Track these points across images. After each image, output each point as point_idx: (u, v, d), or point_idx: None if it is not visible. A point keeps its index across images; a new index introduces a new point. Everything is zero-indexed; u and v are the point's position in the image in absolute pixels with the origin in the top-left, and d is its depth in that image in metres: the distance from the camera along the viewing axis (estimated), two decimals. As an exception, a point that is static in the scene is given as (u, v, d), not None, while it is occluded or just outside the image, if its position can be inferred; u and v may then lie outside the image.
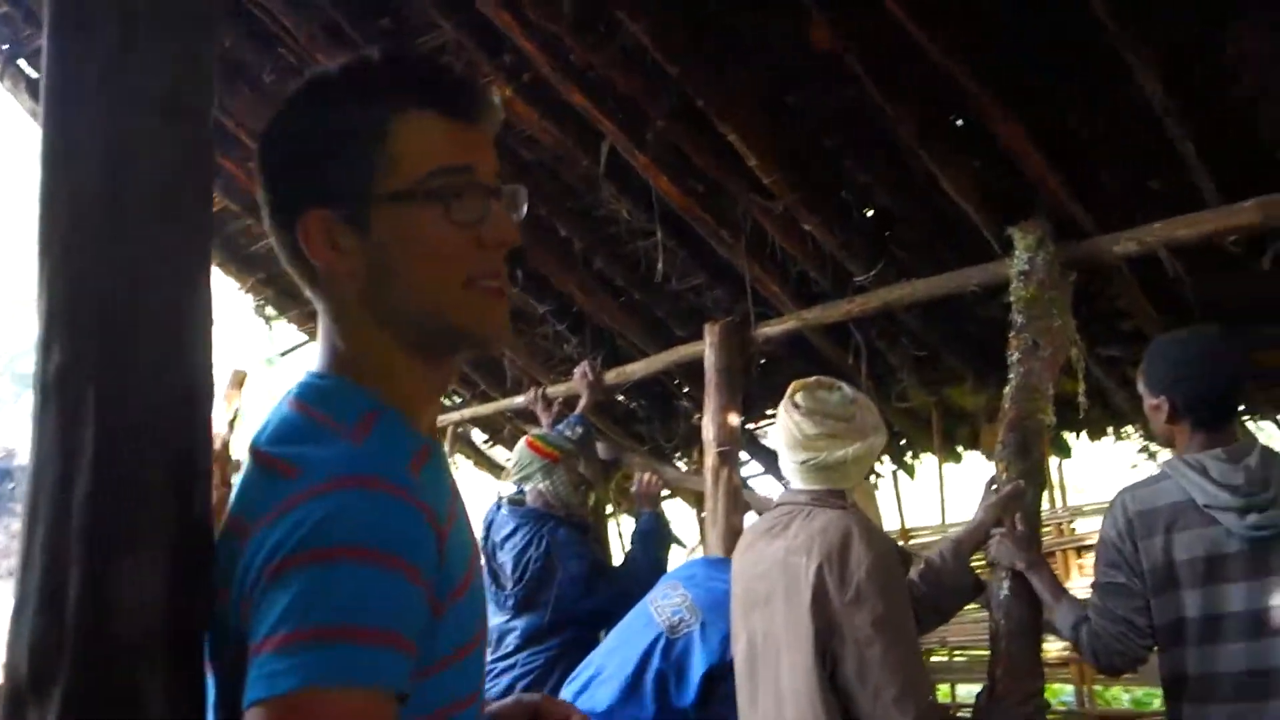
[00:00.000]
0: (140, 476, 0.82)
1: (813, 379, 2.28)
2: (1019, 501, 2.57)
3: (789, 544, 2.07)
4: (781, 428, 2.21)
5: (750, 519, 4.02)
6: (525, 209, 0.99)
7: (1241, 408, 4.67)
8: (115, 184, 0.82)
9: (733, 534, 3.93)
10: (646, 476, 3.90)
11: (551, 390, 5.02)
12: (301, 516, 0.77)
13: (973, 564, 2.52)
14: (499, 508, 3.64)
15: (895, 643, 1.92)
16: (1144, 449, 4.85)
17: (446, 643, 0.85)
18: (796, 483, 2.22)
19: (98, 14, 0.83)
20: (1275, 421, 4.69)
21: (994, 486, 2.67)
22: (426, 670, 0.81)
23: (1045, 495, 3.53)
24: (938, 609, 2.40)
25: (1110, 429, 4.86)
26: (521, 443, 3.79)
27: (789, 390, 2.26)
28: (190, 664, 0.84)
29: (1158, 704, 3.68)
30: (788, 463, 2.21)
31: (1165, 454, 5.53)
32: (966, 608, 2.64)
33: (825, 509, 2.11)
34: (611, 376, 4.86)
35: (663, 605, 2.76)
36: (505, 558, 3.41)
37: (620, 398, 5.46)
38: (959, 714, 4.44)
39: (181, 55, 0.89)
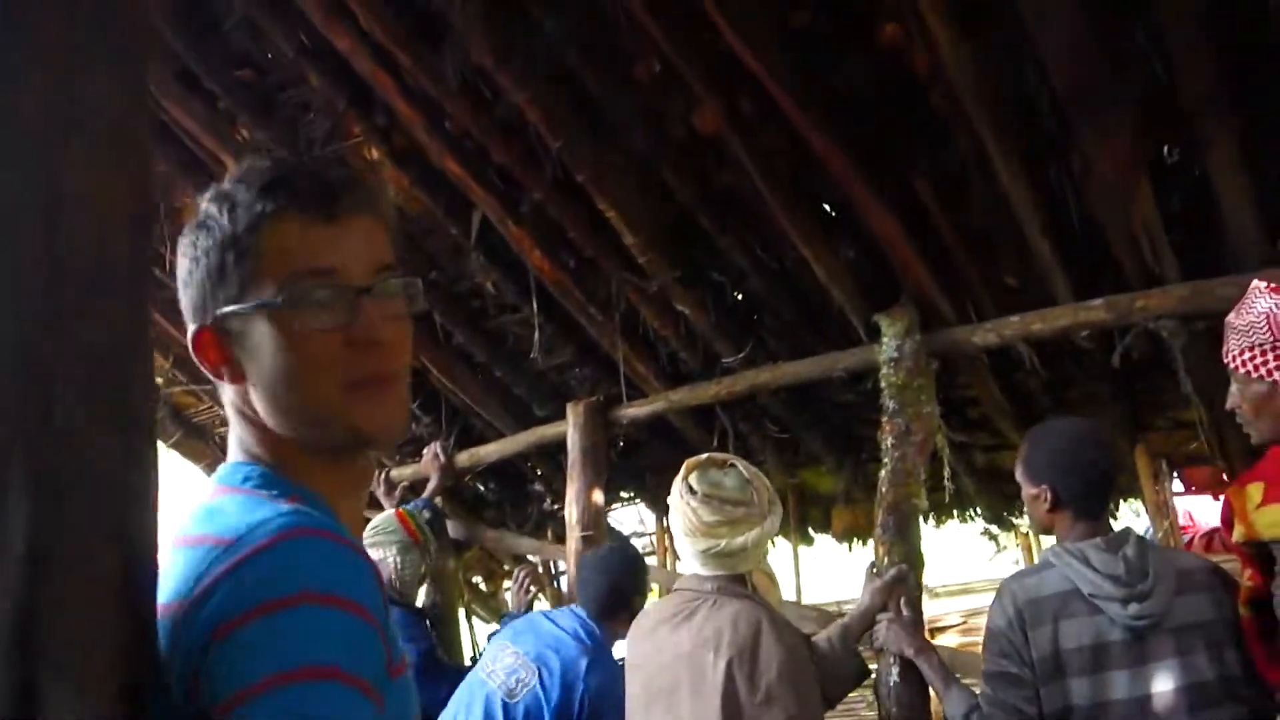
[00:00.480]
0: (83, 585, 0.68)
1: (705, 457, 2.23)
2: (903, 585, 2.58)
3: (695, 636, 1.98)
4: (678, 513, 2.13)
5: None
6: (419, 300, 0.97)
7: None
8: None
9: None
10: (523, 577, 3.71)
11: (397, 473, 4.75)
12: (246, 573, 0.76)
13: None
14: None
15: None
16: (985, 532, 5.06)
17: (393, 715, 0.83)
18: (695, 568, 2.15)
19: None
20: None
21: (875, 570, 2.67)
22: None
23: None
24: (825, 695, 2.36)
25: (955, 512, 5.05)
26: (390, 512, 3.56)
27: (683, 471, 2.20)
28: None
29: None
30: (685, 549, 2.14)
31: (1005, 538, 5.80)
32: (854, 694, 2.61)
33: (732, 599, 2.04)
34: (464, 458, 4.67)
35: (496, 670, 2.60)
36: None
37: (470, 480, 5.25)
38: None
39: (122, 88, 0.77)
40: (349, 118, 3.33)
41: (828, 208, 3.37)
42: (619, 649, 2.58)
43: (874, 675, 2.50)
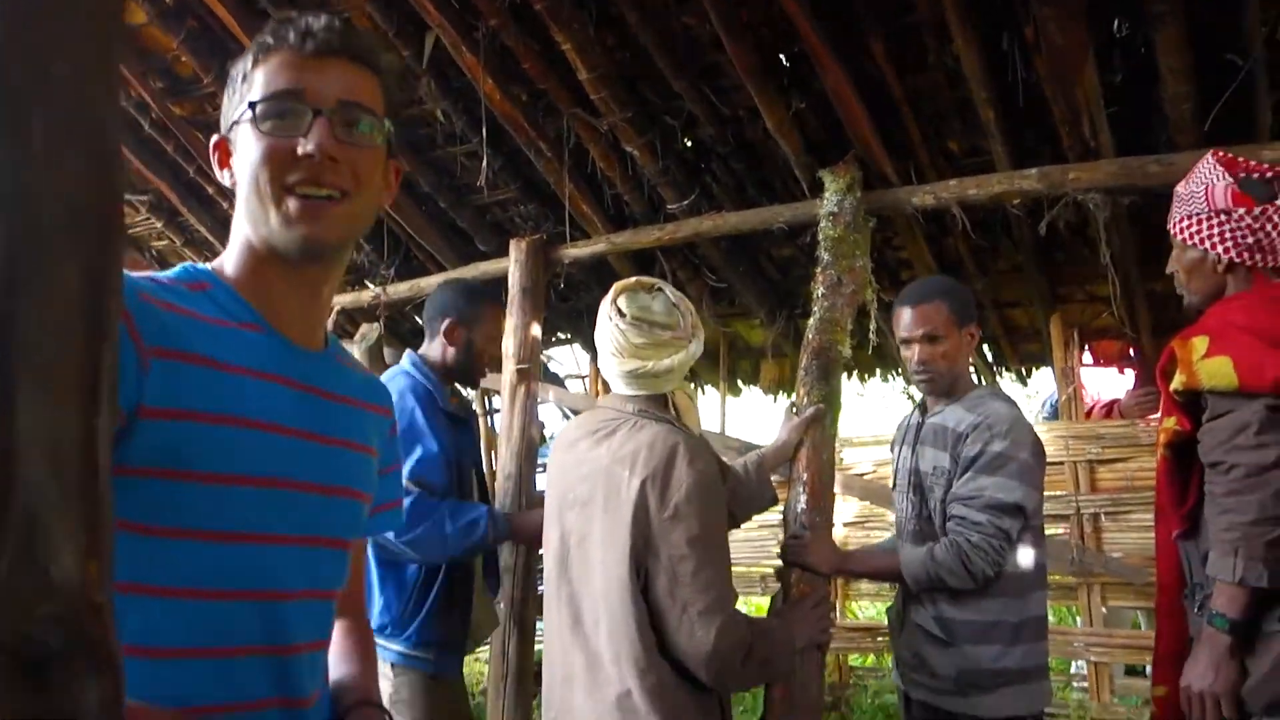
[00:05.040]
0: (53, 294, 0.71)
1: (633, 281, 2.21)
2: (819, 424, 2.74)
3: (614, 453, 2.07)
4: (606, 335, 2.16)
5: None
6: (379, 139, 1.12)
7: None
8: None
9: (528, 448, 3.94)
10: None
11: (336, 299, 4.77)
12: None
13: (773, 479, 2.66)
14: None
15: (706, 562, 1.94)
16: (904, 391, 5.30)
17: (163, 399, 0.95)
18: (619, 387, 2.20)
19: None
20: (1017, 374, 5.26)
21: (795, 410, 2.81)
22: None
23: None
24: (731, 514, 2.49)
25: (878, 371, 5.27)
26: None
27: (611, 293, 2.19)
28: (97, 503, 0.75)
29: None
30: (611, 370, 2.17)
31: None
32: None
33: (653, 421, 2.11)
34: (404, 289, 4.69)
35: None
36: None
37: (409, 310, 5.29)
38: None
39: None
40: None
41: (783, 59, 3.36)
42: None
43: (782, 503, 2.68)
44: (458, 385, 2.97)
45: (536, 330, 4.17)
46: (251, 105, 1.06)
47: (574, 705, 2.02)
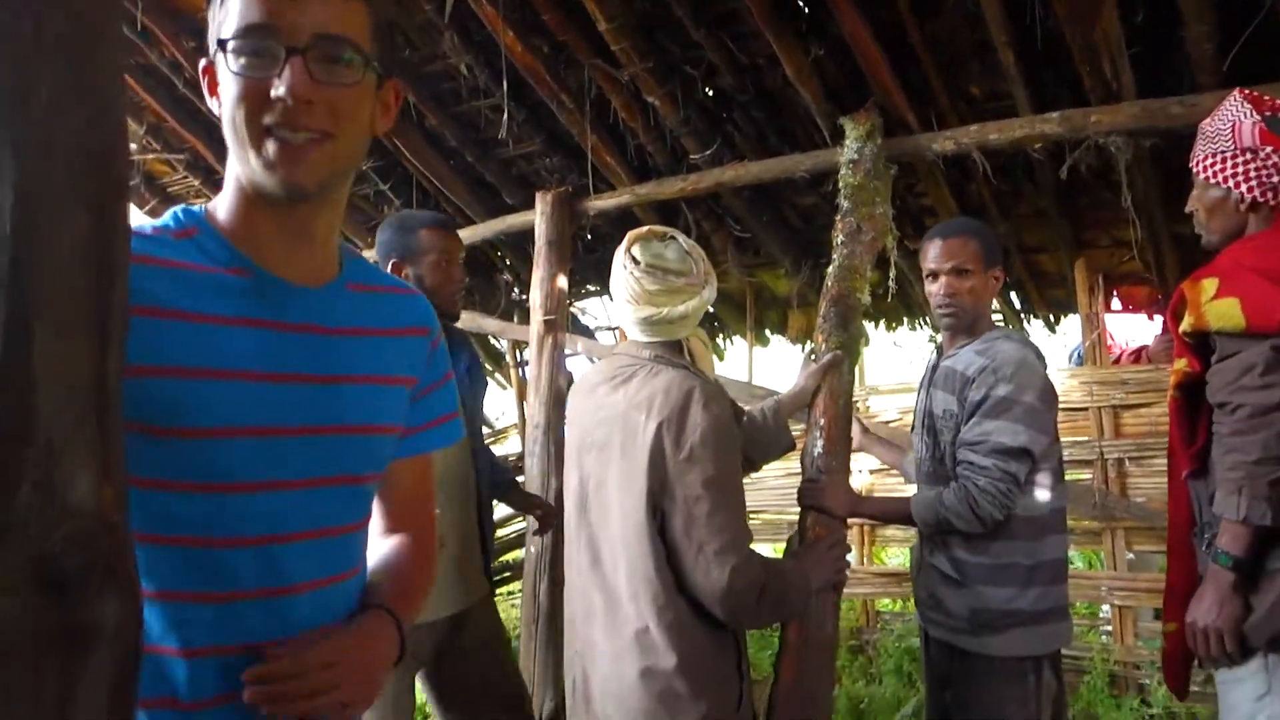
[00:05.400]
0: (64, 239, 0.77)
1: (645, 230, 2.25)
2: (838, 369, 2.78)
3: (630, 398, 2.12)
4: (621, 282, 2.21)
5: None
6: (356, 74, 1.04)
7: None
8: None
9: (556, 398, 4.03)
10: None
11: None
12: None
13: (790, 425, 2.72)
14: None
15: (721, 504, 1.98)
16: (931, 339, 5.30)
17: (144, 355, 0.94)
18: (635, 334, 2.25)
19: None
20: (1045, 320, 5.24)
21: (813, 356, 2.86)
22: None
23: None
24: (749, 459, 2.55)
25: (905, 319, 5.28)
26: None
27: (625, 242, 2.24)
28: (111, 431, 0.81)
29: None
30: (627, 316, 2.21)
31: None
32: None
33: (668, 367, 2.16)
34: (435, 241, 4.76)
35: None
36: None
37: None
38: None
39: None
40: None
41: (801, 4, 3.36)
42: None
43: (800, 448, 2.74)
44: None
45: (563, 282, 4.24)
46: (220, 43, 1.00)
47: (595, 640, 2.09)
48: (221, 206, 1.09)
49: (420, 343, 1.24)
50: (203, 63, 1.07)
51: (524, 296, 5.45)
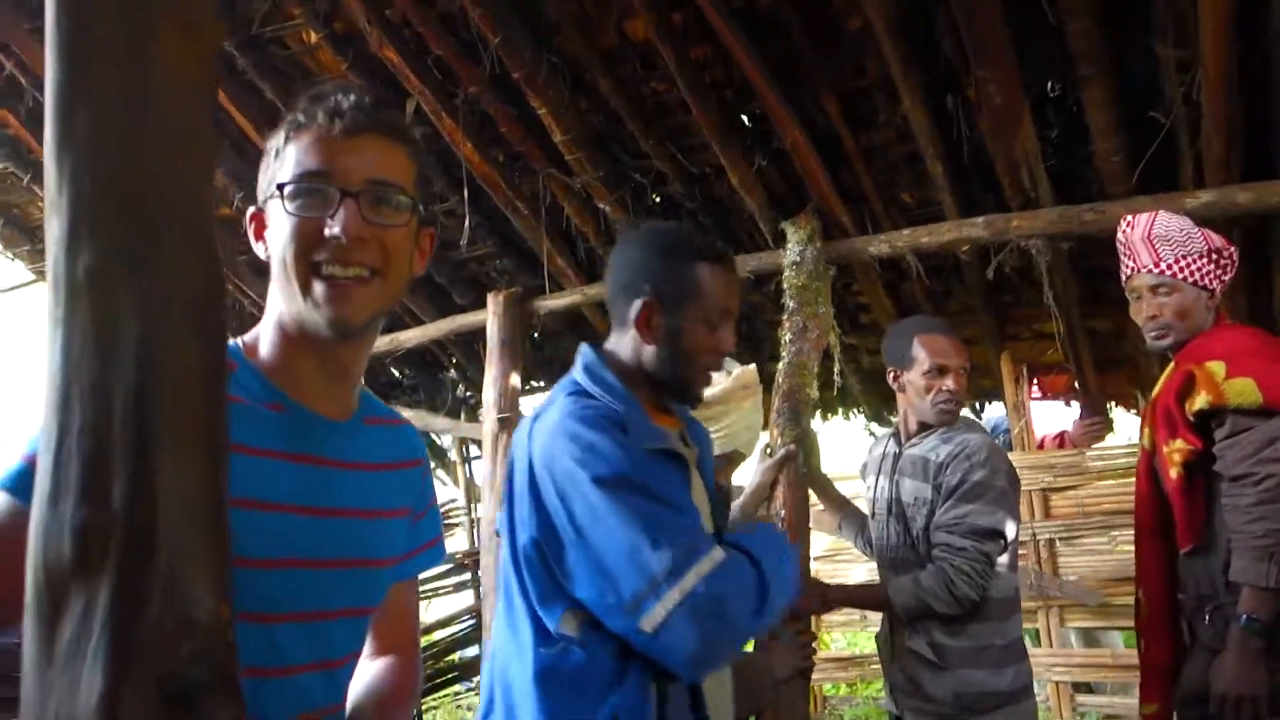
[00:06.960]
0: (181, 371, 0.85)
1: None
2: (793, 462, 2.91)
3: None
4: None
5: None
6: (402, 213, 1.11)
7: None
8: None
9: (512, 495, 4.07)
10: None
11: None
12: None
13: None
14: None
15: None
16: (867, 428, 5.51)
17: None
18: None
19: None
20: (972, 407, 5.50)
21: (769, 451, 2.98)
22: None
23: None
24: None
25: (841, 409, 5.48)
26: None
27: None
28: (223, 550, 0.88)
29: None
30: None
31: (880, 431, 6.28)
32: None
33: None
34: (383, 342, 4.82)
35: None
36: None
37: (387, 364, 5.42)
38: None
39: None
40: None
41: (745, 119, 3.59)
42: None
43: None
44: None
45: (516, 380, 4.33)
46: (279, 186, 1.07)
47: None
48: (258, 341, 1.13)
49: (416, 473, 1.28)
50: (250, 210, 1.15)
51: (470, 394, 5.51)
